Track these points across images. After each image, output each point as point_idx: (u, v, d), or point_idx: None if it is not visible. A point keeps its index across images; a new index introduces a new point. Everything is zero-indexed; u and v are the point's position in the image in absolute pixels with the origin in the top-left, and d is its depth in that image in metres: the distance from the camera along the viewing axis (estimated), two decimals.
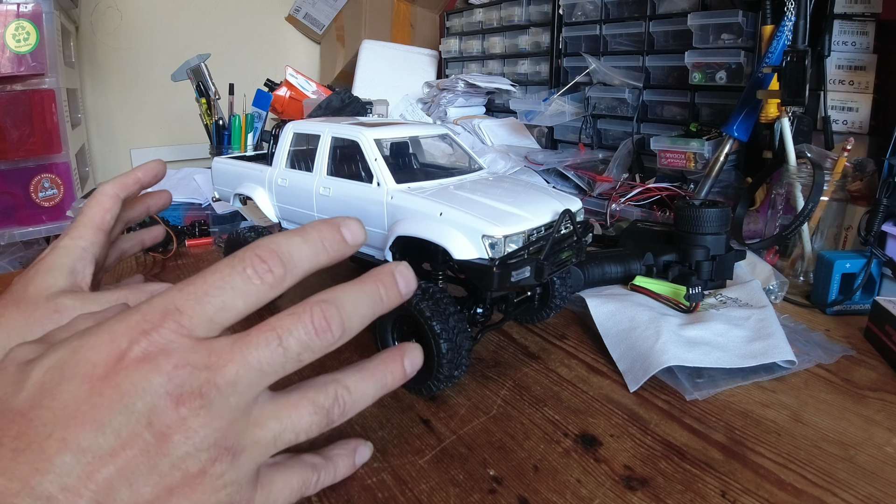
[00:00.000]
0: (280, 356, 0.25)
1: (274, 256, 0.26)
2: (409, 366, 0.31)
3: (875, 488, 0.34)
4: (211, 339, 0.25)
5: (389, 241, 0.46)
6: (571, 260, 0.47)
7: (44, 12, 1.04)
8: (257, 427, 0.26)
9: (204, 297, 0.25)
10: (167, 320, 0.24)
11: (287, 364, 0.25)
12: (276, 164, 0.57)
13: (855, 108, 0.74)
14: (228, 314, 0.25)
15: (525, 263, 0.41)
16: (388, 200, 0.46)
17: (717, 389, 0.44)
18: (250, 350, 0.25)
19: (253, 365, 0.25)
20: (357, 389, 0.29)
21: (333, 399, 0.28)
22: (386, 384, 0.30)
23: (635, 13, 0.97)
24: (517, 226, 0.42)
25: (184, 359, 0.24)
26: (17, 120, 1.06)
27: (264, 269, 0.26)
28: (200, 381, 0.24)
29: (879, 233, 0.59)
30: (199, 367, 0.24)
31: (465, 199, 0.45)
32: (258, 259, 0.26)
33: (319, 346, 0.26)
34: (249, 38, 1.72)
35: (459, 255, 0.42)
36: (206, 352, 0.24)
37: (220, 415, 0.24)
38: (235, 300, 0.25)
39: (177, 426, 0.23)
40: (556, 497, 0.34)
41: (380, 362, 0.30)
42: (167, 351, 0.24)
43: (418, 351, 0.32)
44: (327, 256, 0.28)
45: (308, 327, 0.26)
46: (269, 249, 0.26)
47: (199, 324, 0.25)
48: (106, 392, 0.23)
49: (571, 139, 1.12)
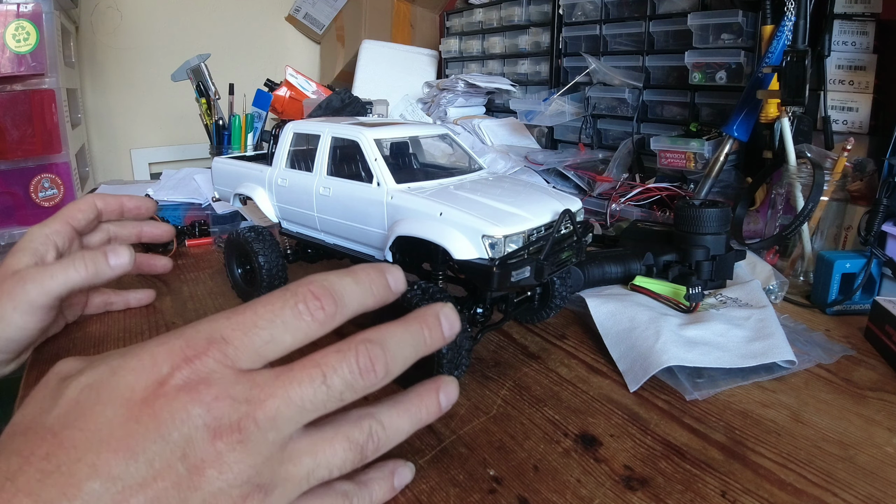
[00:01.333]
0: (323, 394, 0.25)
1: (328, 294, 0.26)
2: (444, 400, 0.30)
3: (875, 488, 0.34)
4: (254, 372, 0.25)
5: (389, 241, 0.46)
6: (571, 260, 0.47)
7: (44, 12, 1.04)
8: (291, 463, 0.25)
9: (252, 328, 0.25)
10: (212, 349, 0.24)
11: (329, 403, 0.25)
12: (276, 164, 0.57)
13: (855, 108, 0.74)
14: (275, 348, 0.25)
15: (525, 263, 0.41)
16: (387, 200, 0.46)
17: (717, 389, 0.44)
18: (293, 386, 0.24)
19: (295, 401, 0.24)
20: (392, 425, 0.28)
21: (368, 435, 0.27)
22: (421, 419, 0.30)
23: (635, 13, 0.97)
24: (517, 226, 0.42)
25: (225, 390, 0.23)
26: (17, 120, 1.06)
27: (316, 307, 0.25)
28: (240, 415, 0.23)
29: (879, 233, 0.59)
30: (240, 400, 0.24)
31: (465, 199, 0.45)
32: (311, 296, 0.26)
33: (362, 387, 0.26)
34: (249, 38, 1.72)
35: (459, 255, 0.42)
36: (248, 385, 0.24)
37: (257, 451, 0.24)
38: (284, 335, 0.25)
39: (212, 460, 0.23)
40: (556, 497, 0.34)
41: (415, 396, 0.30)
42: (209, 381, 0.23)
43: (454, 385, 0.31)
44: (373, 300, 0.28)
45: (353, 366, 0.25)
46: (322, 287, 0.26)
47: (244, 355, 0.24)
48: (143, 419, 0.22)
49: (571, 139, 1.12)
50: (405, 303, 0.42)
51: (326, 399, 0.25)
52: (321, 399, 0.25)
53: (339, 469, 0.26)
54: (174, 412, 0.23)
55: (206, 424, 0.23)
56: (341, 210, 0.51)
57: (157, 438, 0.22)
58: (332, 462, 0.26)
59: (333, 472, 0.26)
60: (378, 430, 0.28)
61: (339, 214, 0.51)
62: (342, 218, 0.51)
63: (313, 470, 0.26)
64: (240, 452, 0.23)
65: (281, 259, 0.58)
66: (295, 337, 0.25)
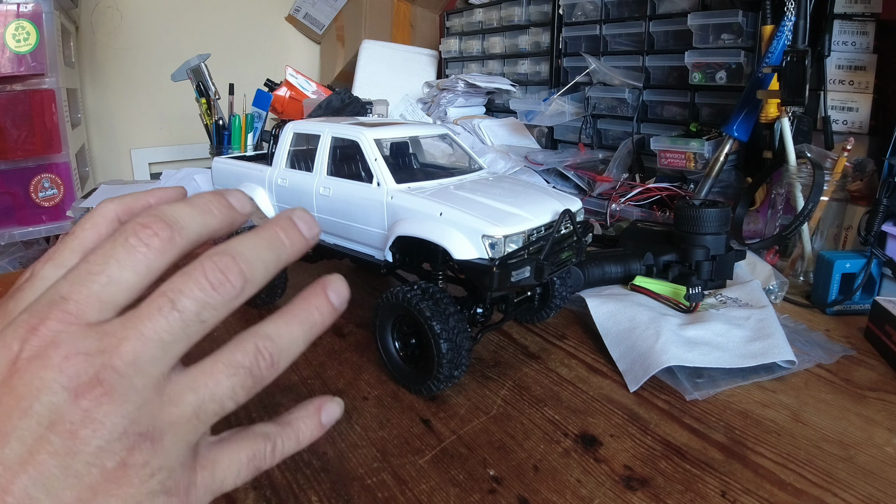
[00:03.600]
0: (177, 321, 0.23)
1: (158, 220, 0.24)
2: (334, 297, 0.27)
3: (875, 488, 0.34)
4: (103, 322, 0.23)
5: (389, 241, 0.46)
6: (571, 260, 0.47)
7: (44, 12, 1.04)
8: (172, 405, 0.24)
9: (87, 276, 0.23)
10: (53, 311, 0.23)
11: (189, 328, 0.23)
12: (276, 164, 0.57)
13: (855, 108, 0.74)
14: (117, 289, 0.23)
15: (525, 263, 0.41)
16: (388, 200, 0.46)
17: (717, 389, 0.44)
18: (143, 322, 0.23)
19: (150, 337, 0.23)
20: (282, 336, 0.26)
21: (254, 354, 0.25)
22: (314, 322, 0.27)
23: (635, 13, 0.97)
24: (517, 226, 0.42)
25: (74, 347, 0.22)
26: (17, 120, 1.06)
27: (149, 234, 0.24)
28: (96, 368, 0.22)
29: (879, 233, 0.59)
30: (93, 352, 0.22)
31: (465, 199, 0.45)
32: (140, 226, 0.24)
33: (221, 302, 0.24)
34: (249, 38, 1.72)
35: (459, 255, 0.42)
36: (97, 335, 0.23)
37: (127, 399, 0.22)
38: (122, 273, 0.23)
39: (82, 421, 0.22)
40: (556, 497, 0.34)
41: (300, 300, 0.27)
42: (56, 342, 0.22)
43: (340, 280, 0.28)
44: (217, 221, 0.26)
45: (203, 283, 0.23)
46: (151, 216, 0.24)
47: (87, 307, 0.23)
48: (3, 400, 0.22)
49: (571, 139, 1.12)
50: (405, 303, 0.42)
51: (184, 325, 0.23)
52: (178, 327, 0.23)
53: (230, 399, 0.25)
54: (29, 384, 0.22)
55: (65, 387, 0.22)
56: (341, 210, 0.51)
57: (21, 414, 0.21)
58: (218, 392, 0.24)
59: (226, 404, 0.25)
60: (267, 346, 0.25)
61: (339, 214, 0.51)
62: (342, 218, 0.51)
63: (200, 406, 0.24)
64: (108, 405, 0.22)
65: None
66: (136, 271, 0.24)
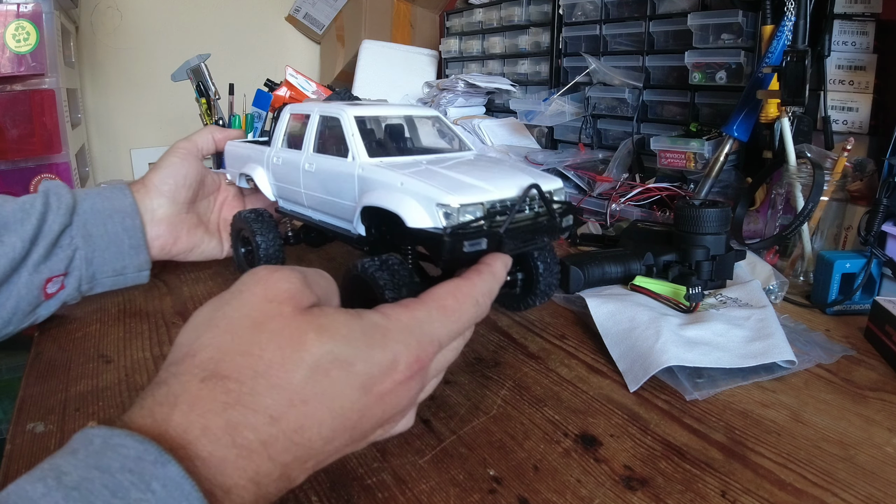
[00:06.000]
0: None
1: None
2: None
3: (875, 488, 0.34)
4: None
5: (357, 213, 0.47)
6: (543, 240, 0.46)
7: (44, 12, 1.04)
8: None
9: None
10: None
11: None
12: (273, 144, 0.59)
13: (855, 108, 0.74)
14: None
15: (481, 235, 0.40)
16: (358, 173, 0.47)
17: (717, 389, 0.44)
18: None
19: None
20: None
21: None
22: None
23: (635, 13, 0.97)
24: (474, 196, 0.41)
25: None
26: (17, 120, 1.05)
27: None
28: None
29: (879, 233, 0.59)
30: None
31: (431, 172, 0.45)
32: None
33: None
34: (249, 38, 1.72)
35: (413, 223, 0.41)
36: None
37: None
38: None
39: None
40: (556, 497, 0.34)
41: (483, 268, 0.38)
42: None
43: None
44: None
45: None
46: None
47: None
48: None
49: (571, 139, 1.12)
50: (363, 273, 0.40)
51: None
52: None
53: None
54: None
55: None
56: (322, 185, 0.52)
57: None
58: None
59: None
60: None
61: (320, 189, 0.52)
62: (323, 193, 0.52)
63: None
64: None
65: (279, 240, 0.58)
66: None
